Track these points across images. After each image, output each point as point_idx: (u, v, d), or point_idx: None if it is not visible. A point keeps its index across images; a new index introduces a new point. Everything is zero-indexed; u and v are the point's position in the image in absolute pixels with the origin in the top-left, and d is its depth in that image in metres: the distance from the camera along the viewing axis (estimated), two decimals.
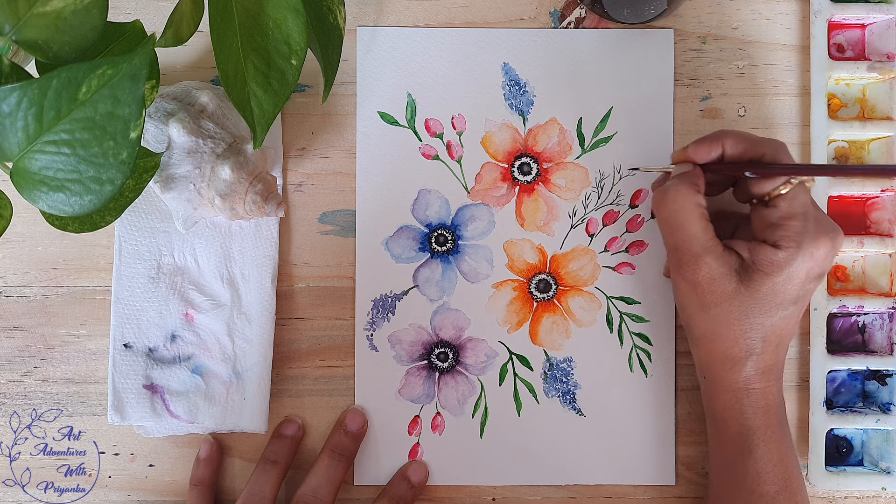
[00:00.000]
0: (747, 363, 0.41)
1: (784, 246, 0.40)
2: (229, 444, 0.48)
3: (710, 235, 0.41)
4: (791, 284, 0.40)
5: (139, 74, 0.32)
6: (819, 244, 0.40)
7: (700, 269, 0.41)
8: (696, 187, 0.42)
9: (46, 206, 0.33)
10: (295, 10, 0.39)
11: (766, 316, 0.41)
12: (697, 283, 0.41)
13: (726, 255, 0.41)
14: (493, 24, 0.49)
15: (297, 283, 0.48)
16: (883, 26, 0.48)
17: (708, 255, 0.41)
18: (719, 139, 0.42)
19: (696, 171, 0.42)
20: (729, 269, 0.41)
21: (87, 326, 0.48)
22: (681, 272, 0.42)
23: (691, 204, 0.41)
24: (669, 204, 0.42)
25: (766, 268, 0.40)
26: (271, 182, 0.45)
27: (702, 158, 0.42)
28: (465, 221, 0.49)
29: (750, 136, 0.42)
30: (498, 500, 0.48)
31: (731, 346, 0.41)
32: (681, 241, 0.41)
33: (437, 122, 0.48)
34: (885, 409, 0.47)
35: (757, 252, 0.41)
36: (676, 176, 0.43)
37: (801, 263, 0.40)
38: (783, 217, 0.40)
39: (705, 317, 0.42)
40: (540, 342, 0.48)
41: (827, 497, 0.49)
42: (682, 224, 0.41)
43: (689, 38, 0.49)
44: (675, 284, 0.43)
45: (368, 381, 0.48)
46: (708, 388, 0.44)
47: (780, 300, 0.41)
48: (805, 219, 0.40)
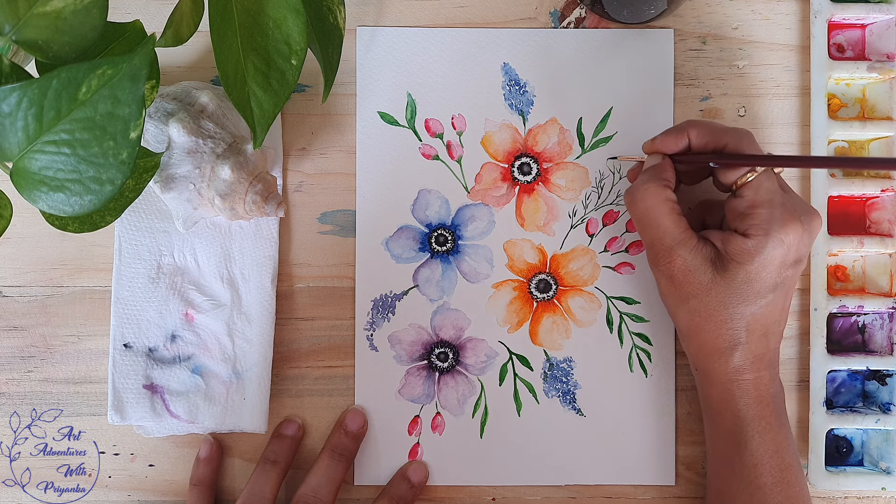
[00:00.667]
0: (735, 353, 0.42)
1: (752, 234, 0.40)
2: (229, 444, 0.48)
3: (683, 228, 0.41)
4: (766, 272, 0.40)
5: (139, 74, 0.32)
6: (788, 230, 0.40)
7: (674, 262, 0.41)
8: (665, 182, 0.42)
9: (46, 206, 0.33)
10: (295, 10, 0.39)
11: (745, 305, 0.41)
12: (673, 276, 0.42)
13: (700, 247, 0.41)
14: (493, 24, 0.49)
15: (297, 283, 0.48)
16: (883, 26, 0.48)
17: (681, 248, 0.41)
18: (685, 130, 0.43)
19: (665, 164, 0.43)
20: (703, 260, 0.41)
21: (87, 326, 0.48)
22: (657, 266, 0.42)
23: (661, 199, 0.42)
24: (639, 203, 0.42)
25: (738, 256, 0.40)
26: (271, 182, 0.45)
27: (669, 149, 0.43)
28: (465, 221, 0.49)
29: (714, 126, 0.43)
30: (498, 500, 0.48)
31: (715, 337, 0.42)
32: (654, 236, 0.42)
33: (437, 122, 0.48)
34: (885, 409, 0.47)
35: (728, 242, 0.41)
36: (645, 171, 0.43)
37: (773, 251, 0.40)
38: (749, 206, 0.41)
39: (686, 309, 0.42)
40: (540, 342, 0.48)
41: (827, 497, 0.48)
42: (655, 220, 0.42)
43: (689, 38, 0.49)
44: (656, 279, 0.44)
45: (368, 381, 0.48)
46: (700, 380, 0.44)
47: (757, 288, 0.41)
48: (771, 206, 0.40)
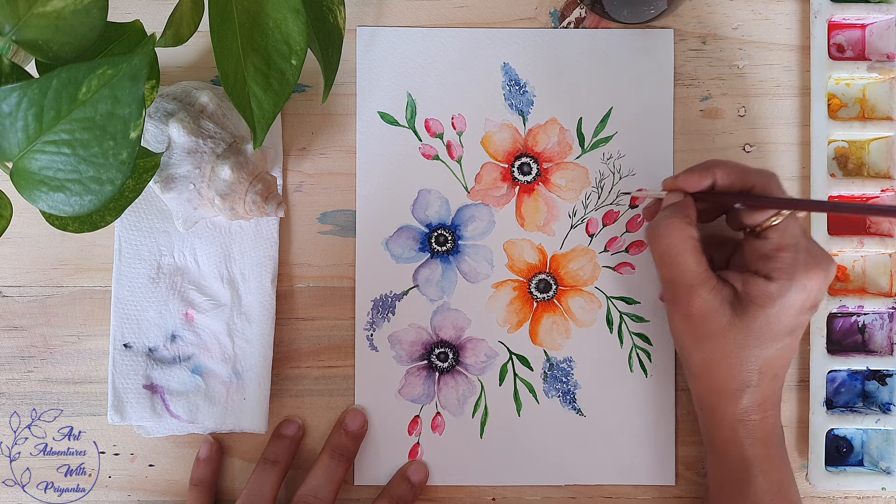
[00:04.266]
0: (744, 395, 0.41)
1: (776, 278, 0.40)
2: (229, 444, 0.48)
3: (704, 268, 0.41)
4: (785, 316, 0.40)
5: (139, 74, 0.32)
6: (811, 276, 0.40)
7: (694, 302, 0.41)
8: (688, 219, 0.42)
9: (46, 206, 0.33)
10: (295, 10, 0.39)
11: (761, 348, 0.41)
12: (691, 316, 0.41)
13: (720, 287, 0.41)
14: (493, 24, 0.49)
15: (297, 283, 0.48)
16: (883, 26, 0.48)
17: (702, 288, 0.41)
18: (710, 169, 0.42)
19: (687, 202, 0.42)
20: (723, 302, 0.41)
21: (87, 326, 0.48)
22: (676, 304, 0.42)
23: (684, 237, 0.41)
24: (663, 238, 0.42)
25: (760, 300, 0.40)
26: (271, 182, 0.45)
27: (693, 187, 0.42)
28: (465, 221, 0.49)
29: (741, 167, 0.42)
30: (498, 500, 0.48)
31: (727, 378, 0.41)
32: (675, 274, 0.41)
33: (437, 122, 0.48)
34: (885, 409, 0.47)
35: (750, 284, 0.40)
36: (667, 207, 0.43)
37: (795, 295, 0.40)
38: (774, 249, 0.40)
39: (701, 349, 0.42)
40: (540, 342, 0.48)
41: (827, 497, 0.49)
42: (676, 258, 0.41)
43: (689, 38, 0.49)
44: (671, 317, 0.43)
45: (368, 381, 0.48)
46: (706, 419, 0.44)
47: (774, 332, 0.40)
48: (796, 250, 0.40)
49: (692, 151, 0.49)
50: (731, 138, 0.49)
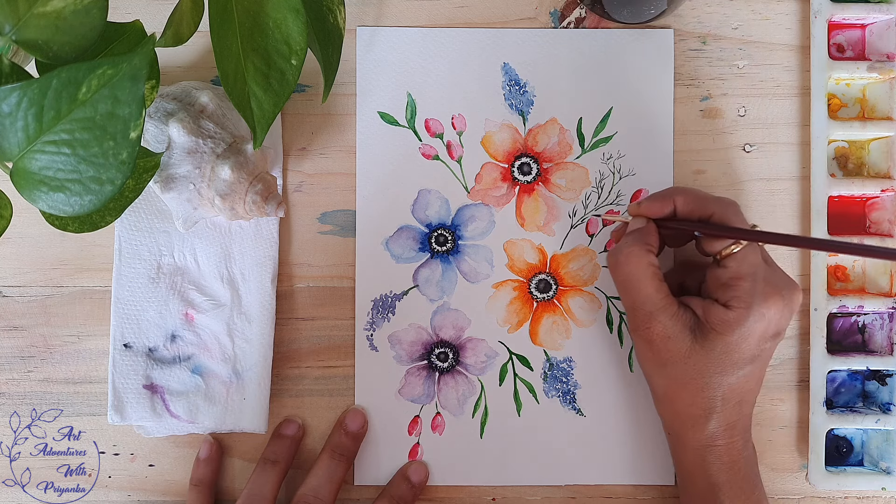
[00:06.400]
0: (710, 421, 0.41)
1: (734, 306, 0.40)
2: (229, 444, 0.48)
3: (664, 294, 0.41)
4: (746, 344, 0.40)
5: (139, 74, 0.32)
6: (769, 305, 0.40)
7: (654, 328, 0.41)
8: (648, 247, 0.42)
9: (46, 206, 0.33)
10: (295, 10, 0.39)
11: (722, 375, 0.41)
12: (652, 342, 0.41)
13: (680, 314, 0.41)
14: (493, 24, 0.49)
15: (297, 283, 0.48)
16: (883, 26, 0.48)
17: (661, 314, 0.41)
18: (671, 196, 0.42)
19: (649, 228, 0.43)
20: (683, 327, 0.41)
21: (87, 326, 0.48)
22: (637, 331, 0.42)
23: (644, 264, 0.41)
24: (622, 266, 0.42)
25: (719, 327, 0.40)
26: (271, 182, 0.45)
27: (654, 214, 0.43)
28: (465, 221, 0.49)
29: (700, 194, 0.42)
30: (498, 500, 0.48)
31: (690, 404, 0.42)
32: (636, 301, 0.42)
33: (437, 122, 0.48)
34: (885, 409, 0.47)
35: (709, 311, 0.41)
36: (629, 234, 0.43)
37: (754, 324, 0.40)
38: (732, 277, 0.41)
39: (663, 374, 0.42)
40: (540, 342, 0.48)
41: (827, 497, 0.49)
42: (636, 285, 0.41)
43: (689, 38, 0.49)
44: (635, 343, 0.43)
45: (368, 381, 0.48)
46: (673, 444, 0.44)
47: (735, 359, 0.41)
48: (754, 279, 0.40)
49: (692, 151, 0.49)
50: (731, 138, 0.49)
